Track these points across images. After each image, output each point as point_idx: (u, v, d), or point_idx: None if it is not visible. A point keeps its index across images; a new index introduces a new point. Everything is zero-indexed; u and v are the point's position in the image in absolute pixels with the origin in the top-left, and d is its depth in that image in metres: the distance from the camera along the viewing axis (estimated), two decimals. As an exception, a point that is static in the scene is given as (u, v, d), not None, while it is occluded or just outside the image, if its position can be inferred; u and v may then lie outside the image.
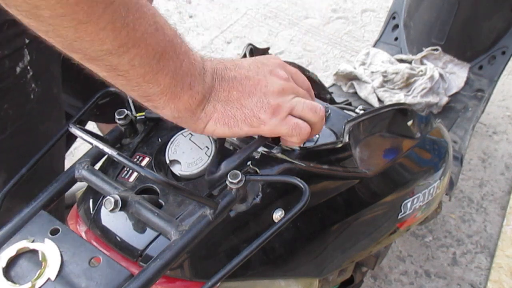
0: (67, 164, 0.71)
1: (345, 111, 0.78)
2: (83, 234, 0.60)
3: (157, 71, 0.46)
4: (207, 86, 0.52)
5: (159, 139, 0.64)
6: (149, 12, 0.44)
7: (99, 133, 1.11)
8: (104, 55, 0.43)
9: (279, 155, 0.60)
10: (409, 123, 0.81)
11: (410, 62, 1.64)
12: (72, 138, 1.24)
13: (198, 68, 0.50)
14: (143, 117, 0.66)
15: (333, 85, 1.67)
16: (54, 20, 0.39)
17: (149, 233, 0.55)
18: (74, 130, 0.57)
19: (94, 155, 0.61)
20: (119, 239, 0.56)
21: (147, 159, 0.62)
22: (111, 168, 0.63)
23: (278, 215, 0.56)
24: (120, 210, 0.52)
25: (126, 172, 0.61)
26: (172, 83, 0.48)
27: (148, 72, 0.46)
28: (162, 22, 0.46)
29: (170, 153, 0.60)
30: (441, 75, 1.58)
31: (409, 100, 1.53)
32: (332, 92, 1.17)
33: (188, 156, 0.59)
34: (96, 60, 0.44)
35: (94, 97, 0.66)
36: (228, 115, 0.53)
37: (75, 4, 0.38)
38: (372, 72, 1.61)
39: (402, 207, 0.79)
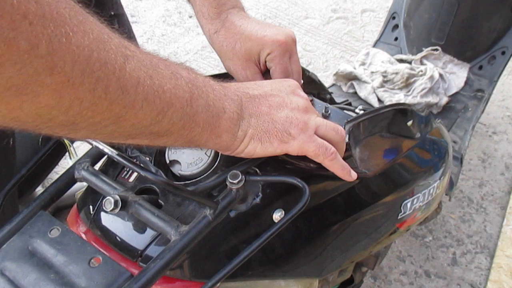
0: (67, 164, 0.71)
1: (345, 111, 0.78)
2: (83, 235, 0.60)
3: (193, 115, 0.46)
4: (237, 103, 0.51)
5: (159, 139, 0.64)
6: (163, 66, 0.43)
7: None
8: (146, 128, 0.43)
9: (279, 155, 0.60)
10: (409, 123, 0.81)
11: (410, 62, 1.64)
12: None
13: (221, 91, 0.50)
14: None
15: (333, 85, 1.67)
16: (93, 127, 0.39)
17: (149, 234, 0.55)
18: (74, 130, 0.57)
19: (94, 155, 0.61)
20: (119, 239, 0.56)
21: (146, 159, 0.62)
22: (111, 168, 0.63)
23: (278, 215, 0.56)
24: (120, 210, 0.52)
25: (126, 172, 0.61)
26: (208, 116, 0.47)
27: (187, 120, 0.45)
28: (175, 67, 0.45)
29: (170, 153, 0.60)
30: (441, 75, 1.58)
31: (409, 100, 1.53)
32: (332, 92, 1.17)
33: (187, 156, 0.59)
34: (138, 136, 0.44)
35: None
36: (261, 130, 0.52)
37: (108, 109, 0.37)
38: (372, 72, 1.61)
39: (402, 207, 0.79)
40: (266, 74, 0.70)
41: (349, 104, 1.06)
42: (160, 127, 0.43)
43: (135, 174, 0.60)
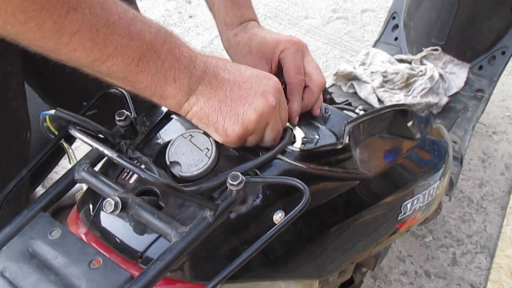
0: (67, 164, 0.71)
1: (345, 111, 0.78)
2: (83, 236, 0.60)
3: (137, 73, 0.50)
4: (194, 79, 0.54)
5: (159, 141, 0.64)
6: (122, 25, 0.47)
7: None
8: (82, 66, 0.49)
9: (279, 156, 0.60)
10: (409, 123, 0.81)
11: (410, 62, 1.64)
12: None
13: (184, 63, 0.53)
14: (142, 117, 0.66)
15: (333, 85, 1.67)
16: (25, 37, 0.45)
17: (149, 235, 0.55)
18: (74, 132, 0.57)
19: (94, 157, 0.61)
20: (119, 241, 0.56)
21: (147, 160, 0.62)
22: (111, 170, 0.62)
23: (278, 216, 0.56)
24: (120, 212, 0.52)
25: (126, 173, 0.61)
26: (154, 80, 0.51)
27: (128, 75, 0.50)
28: (138, 29, 0.49)
29: (170, 155, 0.60)
30: (441, 75, 1.58)
31: (409, 100, 1.53)
32: (332, 92, 1.17)
33: (188, 157, 0.59)
34: (77, 66, 0.49)
35: (94, 98, 0.66)
36: (205, 112, 0.55)
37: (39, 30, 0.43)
38: (372, 72, 1.61)
39: (402, 208, 0.79)
40: (278, 75, 0.71)
41: (349, 104, 1.06)
42: (98, 70, 0.49)
43: (135, 175, 0.60)
